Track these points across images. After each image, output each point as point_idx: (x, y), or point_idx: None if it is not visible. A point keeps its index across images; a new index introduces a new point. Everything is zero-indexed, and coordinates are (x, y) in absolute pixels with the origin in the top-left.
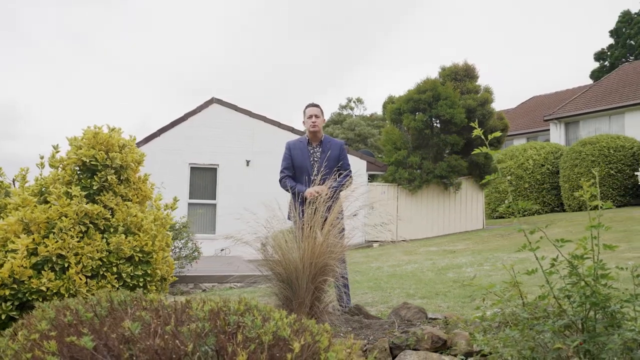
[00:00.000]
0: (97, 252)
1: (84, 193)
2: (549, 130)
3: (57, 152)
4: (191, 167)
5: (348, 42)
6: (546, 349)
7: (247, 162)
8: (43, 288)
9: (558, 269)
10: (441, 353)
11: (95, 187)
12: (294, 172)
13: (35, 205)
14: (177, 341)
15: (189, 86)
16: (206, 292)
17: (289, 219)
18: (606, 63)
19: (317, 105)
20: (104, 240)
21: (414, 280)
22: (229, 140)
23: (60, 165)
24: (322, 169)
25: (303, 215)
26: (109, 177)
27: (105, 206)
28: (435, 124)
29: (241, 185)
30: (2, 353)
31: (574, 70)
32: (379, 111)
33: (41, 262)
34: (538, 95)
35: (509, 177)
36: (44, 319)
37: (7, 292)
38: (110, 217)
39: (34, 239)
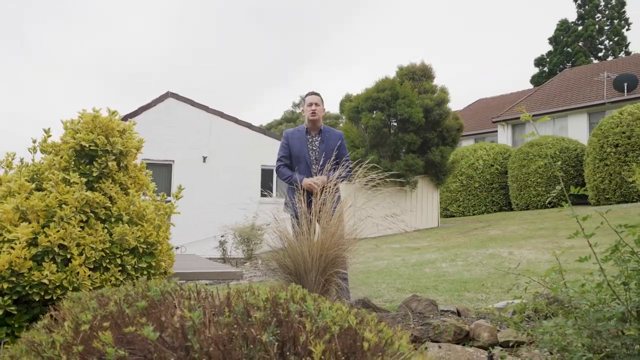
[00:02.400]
0: (100, 243)
1: (84, 180)
2: (496, 131)
3: (49, 136)
4: (145, 163)
5: (300, 39)
6: (607, 336)
7: (204, 158)
8: (45, 281)
9: (608, 256)
10: (464, 345)
11: (95, 174)
12: (292, 162)
13: (31, 192)
14: (244, 330)
15: (135, 82)
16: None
17: (285, 207)
18: (545, 69)
19: (317, 94)
20: (105, 230)
21: (395, 276)
22: (184, 135)
23: (53, 151)
24: (321, 160)
25: (309, 205)
26: (109, 164)
27: (104, 194)
28: (393, 123)
29: (197, 181)
30: (43, 347)
31: (517, 74)
32: (332, 110)
33: (41, 253)
34: (484, 98)
35: (460, 177)
36: (87, 309)
37: (5, 286)
38: (110, 205)
39: (32, 229)
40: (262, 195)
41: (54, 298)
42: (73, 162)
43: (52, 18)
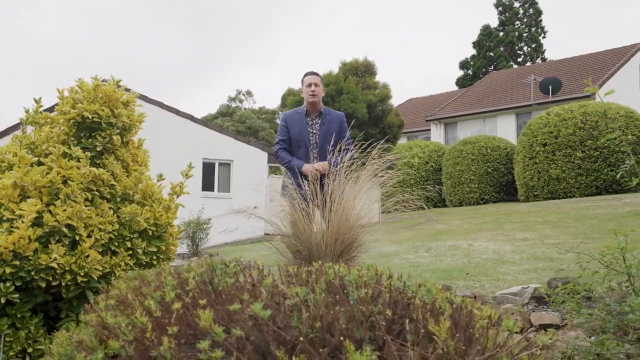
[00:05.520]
0: (109, 224)
1: (89, 154)
2: (428, 130)
3: (40, 106)
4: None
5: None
6: None
7: None
8: (53, 265)
9: None
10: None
11: (98, 149)
12: (291, 145)
13: (32, 165)
14: (362, 307)
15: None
16: None
17: (284, 191)
18: (469, 72)
19: (316, 74)
20: (111, 211)
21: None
22: None
23: (45, 123)
24: (321, 144)
25: (302, 189)
26: (114, 138)
27: (108, 171)
28: None
29: None
30: (122, 330)
31: (443, 76)
32: (268, 105)
33: (46, 234)
34: (415, 98)
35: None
36: (167, 285)
37: (8, 271)
38: (115, 184)
39: (37, 207)
40: (204, 189)
41: (63, 284)
42: (73, 135)
43: None
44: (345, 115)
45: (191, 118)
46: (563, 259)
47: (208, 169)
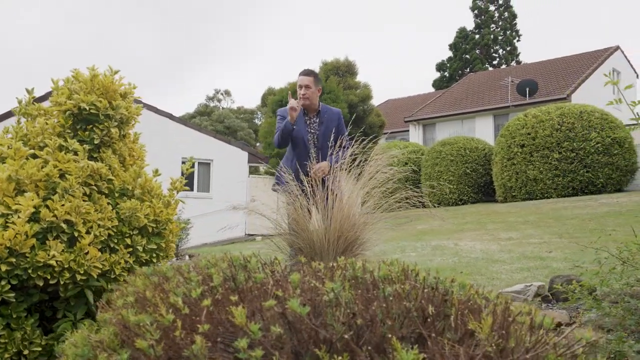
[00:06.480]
0: (108, 220)
1: (87, 147)
2: (407, 131)
3: (33, 97)
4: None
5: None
6: None
7: None
8: (52, 262)
9: None
10: None
11: (96, 142)
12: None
13: (27, 158)
14: (404, 303)
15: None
16: None
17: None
18: (446, 73)
19: (308, 74)
20: (110, 206)
21: None
22: None
23: (38, 114)
24: (320, 143)
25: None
26: (112, 130)
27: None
28: None
29: None
30: (147, 328)
31: (420, 78)
32: (247, 104)
33: (44, 230)
34: (393, 99)
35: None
36: (191, 281)
37: (3, 268)
38: (112, 178)
39: (34, 201)
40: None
41: (61, 283)
42: (69, 128)
43: None
44: None
45: (170, 117)
46: (553, 258)
47: None
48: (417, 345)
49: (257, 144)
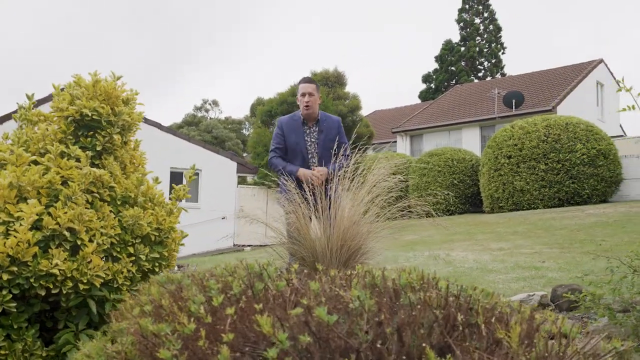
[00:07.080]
0: (111, 229)
1: (89, 154)
2: (394, 142)
3: (33, 103)
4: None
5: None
6: None
7: None
8: (54, 271)
9: None
10: None
11: (98, 148)
12: (287, 153)
13: (29, 165)
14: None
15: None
16: None
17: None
18: (432, 85)
19: (311, 81)
20: (112, 214)
21: None
22: None
23: (39, 120)
24: (318, 152)
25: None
26: (115, 137)
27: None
28: None
29: None
30: (169, 338)
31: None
32: (235, 114)
33: (46, 238)
34: (380, 110)
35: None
36: (211, 289)
37: (5, 277)
38: (114, 185)
39: (37, 209)
40: (171, 199)
41: (64, 292)
42: (71, 134)
43: None
44: None
45: (159, 126)
46: (547, 268)
47: (176, 178)
48: (448, 355)
49: (245, 154)
